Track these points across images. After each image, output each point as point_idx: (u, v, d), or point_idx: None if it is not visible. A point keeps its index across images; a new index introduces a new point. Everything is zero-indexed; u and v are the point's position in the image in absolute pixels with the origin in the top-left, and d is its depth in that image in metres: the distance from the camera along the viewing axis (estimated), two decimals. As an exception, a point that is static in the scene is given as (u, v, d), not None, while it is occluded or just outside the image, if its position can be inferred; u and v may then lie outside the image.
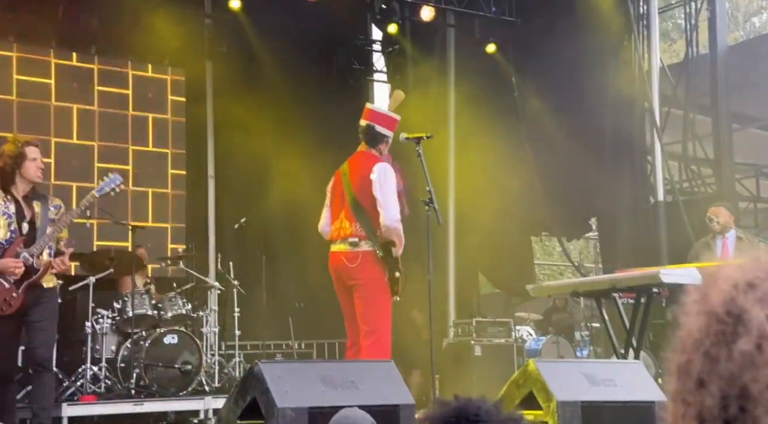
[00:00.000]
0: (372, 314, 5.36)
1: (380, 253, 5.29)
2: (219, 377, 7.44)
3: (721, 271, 0.60)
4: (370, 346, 5.31)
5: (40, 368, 5.11)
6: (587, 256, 17.69)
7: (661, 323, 8.08)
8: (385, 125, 5.50)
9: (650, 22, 9.16)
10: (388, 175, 5.32)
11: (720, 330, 0.57)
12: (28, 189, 5.18)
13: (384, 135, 5.48)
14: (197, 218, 9.77)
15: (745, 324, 0.56)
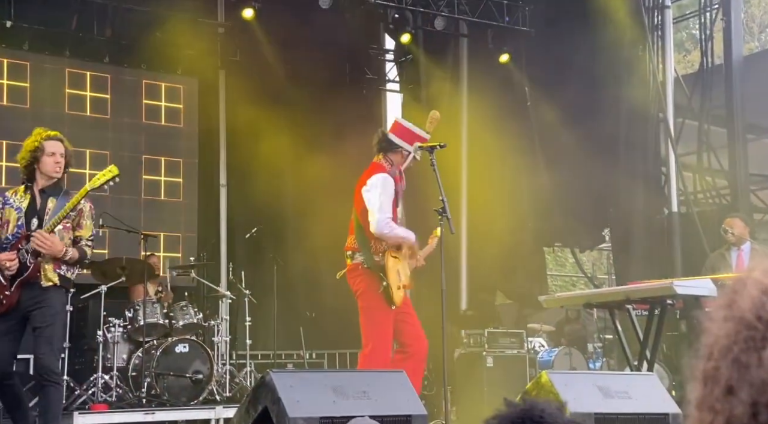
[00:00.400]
0: (365, 324, 5.47)
1: (366, 265, 5.28)
2: (230, 386, 7.42)
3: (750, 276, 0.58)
4: (364, 356, 5.35)
5: (44, 379, 4.80)
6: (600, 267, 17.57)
7: (675, 335, 8.02)
8: (402, 136, 5.49)
9: (665, 33, 9.12)
10: (381, 184, 5.33)
11: (750, 336, 0.56)
12: (48, 184, 4.98)
13: (396, 144, 5.46)
14: (209, 227, 9.78)
15: None
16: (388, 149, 5.46)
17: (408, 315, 5.53)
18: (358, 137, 11.07)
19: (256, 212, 9.63)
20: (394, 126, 5.62)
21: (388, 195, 5.33)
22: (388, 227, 5.26)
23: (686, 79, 9.69)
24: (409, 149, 5.49)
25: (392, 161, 5.46)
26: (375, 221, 5.28)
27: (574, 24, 9.21)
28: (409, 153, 5.49)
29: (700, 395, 0.57)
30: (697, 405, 0.57)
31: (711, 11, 9.12)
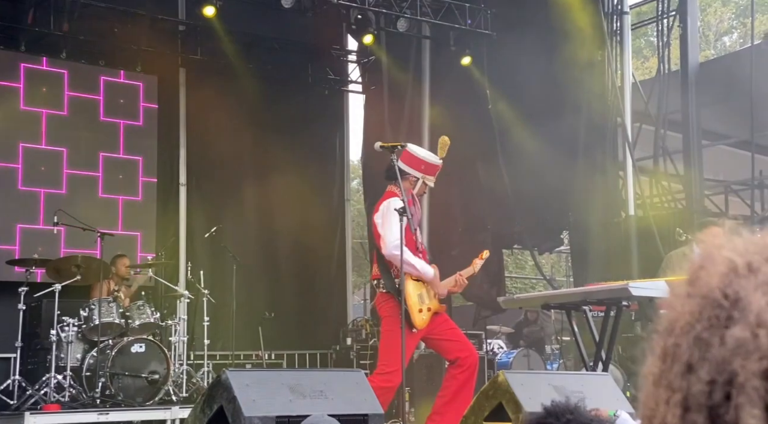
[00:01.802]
0: (382, 347, 5.48)
1: (387, 290, 5.37)
2: (187, 386, 7.36)
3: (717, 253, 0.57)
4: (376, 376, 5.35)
5: None
6: (559, 270, 17.76)
7: (630, 337, 8.12)
8: (410, 164, 5.50)
9: (623, 38, 9.25)
10: (389, 208, 5.34)
11: (715, 315, 0.55)
12: None
13: (404, 171, 5.46)
14: (168, 226, 9.68)
15: (742, 310, 0.53)
16: (395, 177, 5.46)
17: (449, 332, 5.58)
18: (320, 138, 11.13)
19: (216, 211, 9.57)
20: (403, 154, 5.62)
21: (394, 215, 5.32)
22: (398, 248, 5.26)
23: (644, 84, 9.83)
24: (417, 175, 5.50)
25: (403, 188, 5.46)
26: (384, 244, 5.33)
27: (535, 28, 9.29)
28: (418, 179, 5.51)
29: (658, 372, 0.57)
30: (654, 381, 0.57)
31: (668, 18, 9.27)
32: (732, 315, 0.54)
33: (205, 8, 8.94)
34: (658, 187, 9.56)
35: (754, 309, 0.53)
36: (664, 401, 0.56)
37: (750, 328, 0.53)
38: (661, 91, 9.20)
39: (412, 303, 5.32)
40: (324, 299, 10.73)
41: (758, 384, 0.51)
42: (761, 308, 0.53)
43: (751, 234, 0.58)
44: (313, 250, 10.63)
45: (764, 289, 0.54)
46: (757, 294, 0.53)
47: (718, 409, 0.53)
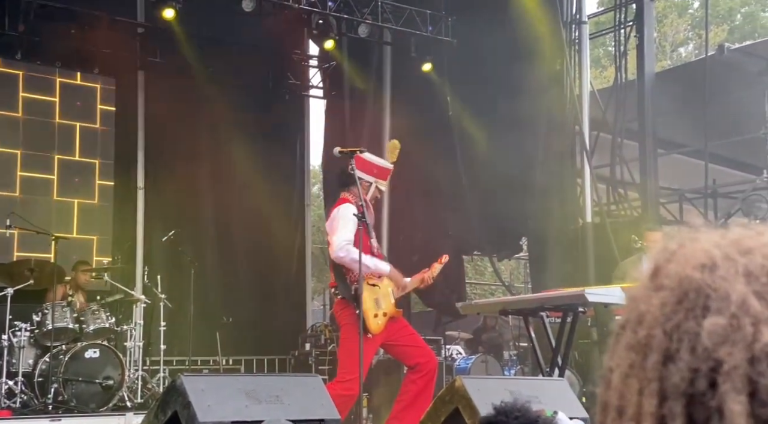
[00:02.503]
0: (341, 355, 5.49)
1: (343, 296, 5.37)
2: (142, 392, 7.28)
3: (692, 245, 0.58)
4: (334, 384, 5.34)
5: None
6: (518, 276, 17.91)
7: (586, 343, 8.21)
8: (362, 169, 5.49)
9: (582, 47, 9.37)
10: (339, 213, 5.34)
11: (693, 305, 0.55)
12: None
13: (359, 177, 5.44)
14: (125, 230, 9.57)
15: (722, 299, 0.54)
16: (349, 183, 5.45)
17: (408, 337, 5.59)
18: (281, 142, 11.08)
19: (174, 215, 9.47)
20: (356, 160, 5.61)
21: (345, 220, 5.30)
22: (344, 250, 5.25)
23: (601, 93, 9.96)
24: (370, 179, 5.50)
25: (355, 194, 5.44)
26: (331, 248, 5.32)
27: (495, 36, 9.36)
28: (370, 183, 5.51)
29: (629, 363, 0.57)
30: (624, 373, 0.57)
31: (625, 28, 9.41)
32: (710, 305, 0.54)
33: (165, 11, 8.85)
34: (615, 195, 9.69)
35: (735, 298, 0.54)
36: (636, 391, 0.56)
37: (733, 316, 0.53)
38: (619, 101, 9.33)
39: (367, 308, 5.32)
40: (283, 304, 10.68)
41: (744, 372, 0.52)
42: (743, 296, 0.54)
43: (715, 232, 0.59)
44: (272, 255, 10.58)
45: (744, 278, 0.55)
46: (738, 283, 0.54)
47: (701, 397, 0.53)
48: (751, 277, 0.55)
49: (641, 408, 0.56)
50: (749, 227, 0.59)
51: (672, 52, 25.92)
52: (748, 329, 0.53)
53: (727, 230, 0.60)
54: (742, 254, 0.56)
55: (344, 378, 5.28)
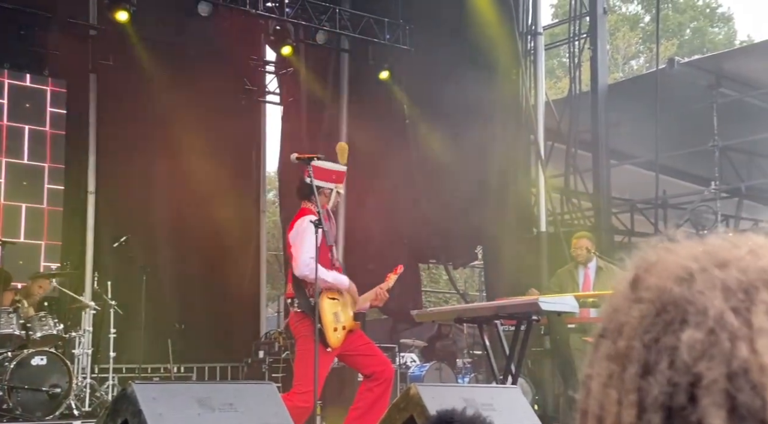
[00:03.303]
0: (297, 367, 5.41)
1: (302, 309, 5.32)
2: (90, 401, 7.15)
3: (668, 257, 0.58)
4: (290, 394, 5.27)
5: None
6: (472, 284, 18.00)
7: (539, 351, 8.28)
8: (321, 178, 5.45)
9: (537, 58, 9.47)
10: (302, 228, 5.30)
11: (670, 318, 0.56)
12: None
13: (318, 186, 5.41)
14: (75, 235, 9.38)
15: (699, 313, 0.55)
16: (310, 193, 5.40)
17: (363, 347, 5.55)
18: (236, 148, 10.99)
19: (126, 221, 9.31)
20: (314, 171, 5.58)
21: (306, 234, 5.26)
22: (309, 268, 5.19)
23: (556, 104, 10.08)
24: (330, 186, 5.47)
25: (317, 203, 5.40)
26: (296, 264, 5.26)
27: (452, 45, 9.43)
28: (331, 190, 5.48)
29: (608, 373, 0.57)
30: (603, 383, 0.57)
31: (579, 40, 9.54)
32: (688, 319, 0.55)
33: (118, 13, 8.73)
34: (569, 205, 9.80)
35: (712, 313, 0.54)
36: (615, 401, 0.57)
37: (710, 331, 0.54)
38: (573, 111, 9.44)
39: (327, 322, 5.29)
40: (237, 311, 10.57)
41: (723, 387, 0.53)
42: (719, 311, 0.54)
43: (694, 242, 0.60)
44: (226, 261, 10.47)
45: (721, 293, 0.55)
46: (715, 298, 0.55)
47: (681, 411, 0.54)
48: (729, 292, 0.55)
49: (620, 419, 0.56)
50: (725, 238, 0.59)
51: (624, 65, 26.39)
52: (725, 344, 0.53)
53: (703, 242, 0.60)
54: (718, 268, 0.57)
55: (301, 390, 5.24)
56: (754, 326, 0.53)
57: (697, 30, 27.73)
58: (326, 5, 9.50)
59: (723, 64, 9.86)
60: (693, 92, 9.79)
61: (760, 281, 0.55)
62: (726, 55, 10.60)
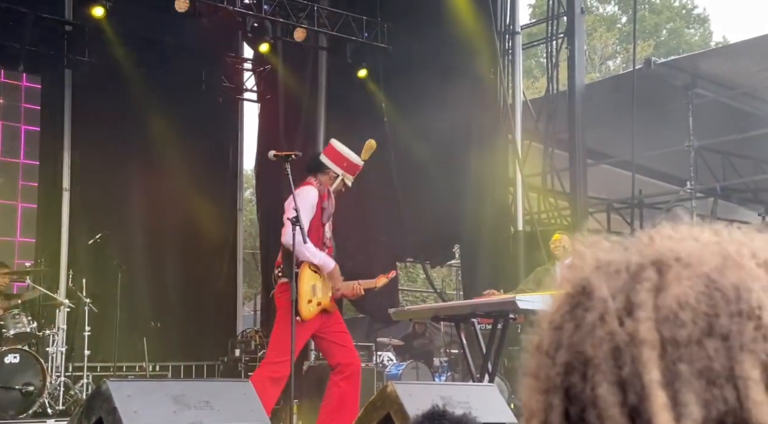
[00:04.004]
0: (274, 337, 5.38)
1: (284, 277, 5.28)
2: (64, 399, 7.09)
3: (587, 251, 0.64)
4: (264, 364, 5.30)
5: None
6: (450, 283, 18.05)
7: (516, 350, 8.31)
8: (333, 159, 5.43)
9: (515, 57, 9.50)
10: (300, 198, 5.26)
11: (572, 305, 0.61)
12: None
13: (326, 165, 5.39)
14: (49, 232, 9.29)
15: (593, 298, 0.59)
16: (316, 170, 5.39)
17: (338, 335, 5.52)
18: (213, 146, 10.93)
19: (101, 218, 9.24)
20: (328, 148, 5.58)
21: (305, 206, 5.23)
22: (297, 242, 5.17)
23: (533, 103, 10.11)
24: (338, 171, 5.44)
25: (321, 181, 5.39)
26: (284, 231, 5.19)
27: (430, 43, 9.43)
28: (338, 175, 5.45)
29: (530, 364, 0.62)
30: (527, 372, 0.62)
31: (557, 40, 9.58)
32: (584, 304, 0.59)
33: (94, 9, 8.65)
34: (546, 204, 9.83)
35: (600, 296, 0.59)
36: (530, 388, 0.61)
37: (598, 314, 0.58)
38: (550, 111, 9.48)
39: (303, 291, 5.26)
40: (213, 309, 10.52)
41: (609, 362, 0.57)
42: (606, 296, 0.59)
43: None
44: (203, 259, 10.42)
45: (610, 280, 0.60)
46: (604, 285, 0.59)
47: (574, 388, 0.58)
48: (617, 274, 0.60)
49: (531, 405, 0.61)
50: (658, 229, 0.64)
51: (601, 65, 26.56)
52: (610, 324, 0.57)
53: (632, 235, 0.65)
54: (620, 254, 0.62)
55: (272, 360, 5.24)
56: (634, 302, 0.57)
57: (674, 31, 27.98)
58: (304, 3, 9.47)
59: (699, 64, 9.95)
60: (669, 92, 9.87)
61: (649, 261, 0.59)
62: (702, 56, 10.70)
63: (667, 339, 0.56)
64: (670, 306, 0.57)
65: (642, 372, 0.55)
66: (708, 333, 0.56)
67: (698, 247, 0.60)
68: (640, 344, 0.56)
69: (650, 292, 0.58)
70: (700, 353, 0.55)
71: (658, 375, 0.55)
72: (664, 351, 0.56)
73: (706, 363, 0.55)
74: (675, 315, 0.56)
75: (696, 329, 0.56)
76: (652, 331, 0.56)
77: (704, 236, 0.62)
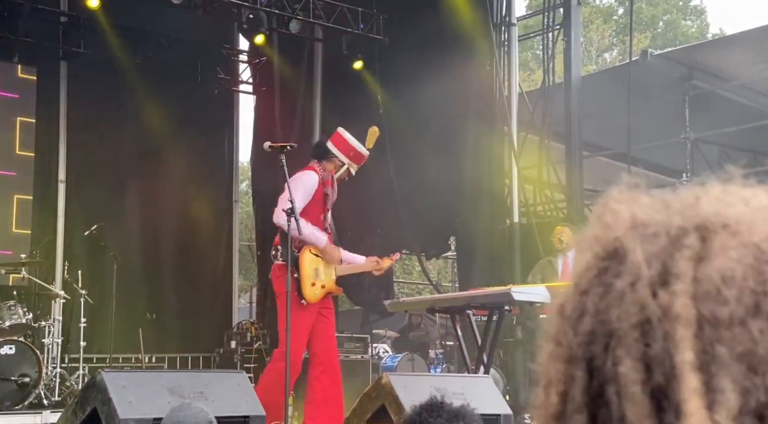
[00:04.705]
0: (280, 326, 5.31)
1: (282, 259, 5.24)
2: (60, 390, 7.09)
3: (620, 207, 0.57)
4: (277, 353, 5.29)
5: None
6: (445, 275, 18.05)
7: (511, 341, 8.32)
8: (339, 147, 5.44)
9: (510, 49, 9.48)
10: (298, 180, 5.27)
11: (602, 268, 0.54)
12: None
13: (332, 153, 5.40)
14: (45, 223, 9.29)
15: (626, 262, 0.53)
16: (321, 157, 5.41)
17: (323, 323, 5.51)
18: (209, 138, 10.92)
19: (97, 210, 9.24)
20: (335, 135, 5.59)
21: (303, 189, 5.23)
22: (283, 218, 5.12)
23: (529, 95, 10.10)
24: (344, 160, 5.45)
25: (325, 168, 5.40)
26: (276, 210, 5.19)
27: (426, 35, 9.41)
28: (343, 164, 5.46)
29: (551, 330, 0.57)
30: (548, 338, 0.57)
31: (553, 32, 9.57)
32: (615, 268, 0.54)
33: (89, 0, 8.63)
34: (542, 196, 9.84)
35: (634, 261, 0.53)
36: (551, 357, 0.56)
37: (630, 281, 0.52)
38: (546, 103, 9.47)
39: (305, 275, 5.26)
40: (209, 301, 10.53)
41: (636, 337, 0.51)
42: (640, 261, 0.53)
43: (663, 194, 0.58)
44: (199, 251, 10.42)
45: (645, 244, 0.54)
46: (638, 249, 0.53)
47: (596, 361, 0.52)
48: (655, 238, 0.54)
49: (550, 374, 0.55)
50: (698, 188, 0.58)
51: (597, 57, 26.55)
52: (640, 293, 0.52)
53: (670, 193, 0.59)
54: (659, 214, 0.56)
55: (282, 349, 5.21)
56: (672, 272, 0.52)
57: (670, 23, 27.97)
58: (300, -6, 9.45)
59: (695, 56, 9.94)
60: (665, 84, 9.86)
61: (693, 226, 0.53)
62: (698, 47, 10.69)
63: (706, 317, 0.50)
64: (713, 279, 0.51)
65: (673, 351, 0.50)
66: (754, 313, 0.50)
67: (749, 213, 0.54)
68: (673, 320, 0.51)
69: (691, 261, 0.52)
70: (742, 334, 0.50)
71: (691, 356, 0.50)
72: (701, 330, 0.50)
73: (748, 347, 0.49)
74: (717, 290, 0.51)
75: (740, 308, 0.50)
76: (689, 306, 0.51)
77: (756, 200, 0.55)
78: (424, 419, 2.10)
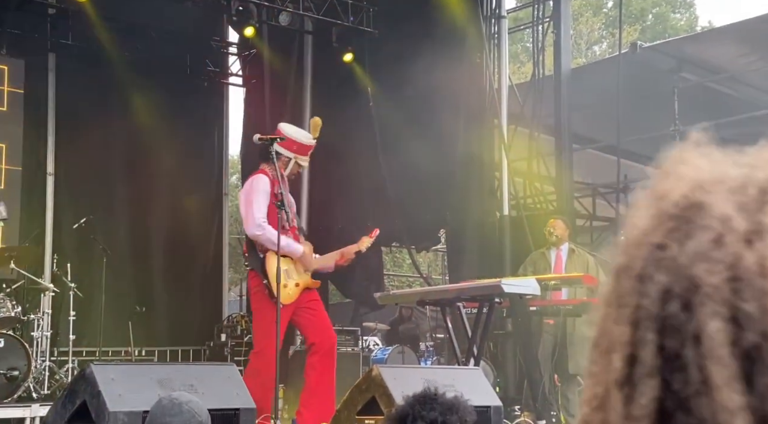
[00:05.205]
0: (254, 326, 5.53)
1: (252, 267, 5.39)
2: (48, 383, 7.08)
3: (683, 166, 0.53)
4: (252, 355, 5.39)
5: None
6: (436, 268, 18.07)
7: (501, 334, 8.35)
8: (282, 143, 5.47)
9: (500, 41, 9.48)
10: (252, 186, 5.33)
11: (676, 222, 0.50)
12: None
13: (278, 152, 5.44)
14: (33, 216, 9.24)
15: (706, 216, 0.50)
16: (267, 156, 5.42)
17: (310, 310, 5.57)
18: (198, 131, 10.88)
19: (86, 202, 9.21)
20: (275, 133, 5.60)
21: (258, 194, 5.29)
22: (260, 228, 5.26)
23: (519, 88, 10.10)
24: (289, 155, 5.48)
25: (275, 168, 5.42)
26: (247, 224, 5.32)
27: (416, 28, 9.40)
28: (289, 159, 5.49)
29: (609, 291, 0.53)
30: (605, 302, 0.53)
31: (543, 24, 9.57)
32: (694, 222, 0.50)
33: (78, -9, 8.59)
34: (532, 189, 9.85)
35: (717, 212, 0.50)
36: (613, 319, 0.52)
37: (716, 233, 0.49)
38: (536, 96, 9.48)
39: (272, 278, 5.30)
40: (198, 294, 10.51)
41: (724, 293, 0.48)
42: (725, 211, 0.49)
43: None
44: (188, 244, 10.40)
45: (730, 192, 0.51)
46: (724, 200, 0.50)
47: (674, 320, 0.49)
48: (740, 190, 0.51)
49: (613, 337, 0.51)
50: None
51: (587, 50, 26.58)
52: (730, 246, 0.48)
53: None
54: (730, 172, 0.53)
55: (256, 350, 5.40)
56: (765, 226, 0.48)
57: (659, 15, 28.01)
58: (290, -14, 9.41)
59: (685, 48, 9.97)
60: (654, 77, 9.89)
61: None
62: (688, 40, 10.73)
63: None
64: None
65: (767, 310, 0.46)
66: None
67: None
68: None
69: None
70: None
71: None
72: None
73: None
74: None
75: None
76: None
77: None
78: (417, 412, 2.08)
